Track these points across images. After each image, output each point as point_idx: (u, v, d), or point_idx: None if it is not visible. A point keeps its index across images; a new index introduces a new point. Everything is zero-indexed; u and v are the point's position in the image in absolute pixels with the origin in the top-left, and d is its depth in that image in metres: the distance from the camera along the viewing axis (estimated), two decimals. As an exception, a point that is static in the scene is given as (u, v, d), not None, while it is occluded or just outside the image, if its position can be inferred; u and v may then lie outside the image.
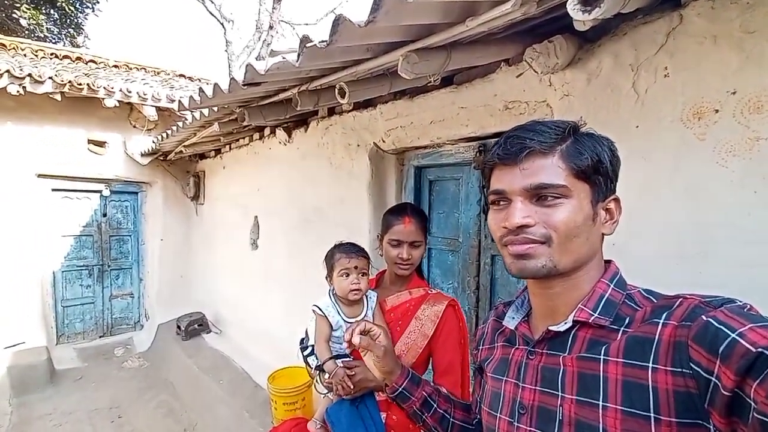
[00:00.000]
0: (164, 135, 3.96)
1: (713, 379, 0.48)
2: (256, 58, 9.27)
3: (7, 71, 3.88)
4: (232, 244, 4.51)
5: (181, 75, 6.23)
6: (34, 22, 8.83)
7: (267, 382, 2.82)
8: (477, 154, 2.00)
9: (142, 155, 5.05)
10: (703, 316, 0.52)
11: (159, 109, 4.98)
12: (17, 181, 4.44)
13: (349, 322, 1.36)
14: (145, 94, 4.71)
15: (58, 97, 4.25)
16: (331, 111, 2.82)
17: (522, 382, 0.69)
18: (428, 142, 2.22)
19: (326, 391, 1.35)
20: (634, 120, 1.30)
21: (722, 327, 0.49)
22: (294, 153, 3.28)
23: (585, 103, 1.43)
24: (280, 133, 3.22)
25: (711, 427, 0.50)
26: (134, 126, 5.17)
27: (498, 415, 0.73)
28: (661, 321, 0.57)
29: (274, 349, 3.54)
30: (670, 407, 0.52)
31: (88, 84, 4.31)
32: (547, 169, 0.63)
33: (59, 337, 4.98)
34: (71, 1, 9.59)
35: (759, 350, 0.45)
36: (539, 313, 0.73)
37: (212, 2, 10.36)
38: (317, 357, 1.35)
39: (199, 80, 6.28)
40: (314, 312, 1.40)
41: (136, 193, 5.56)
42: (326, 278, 1.46)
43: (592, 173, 0.64)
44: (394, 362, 0.96)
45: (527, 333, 0.72)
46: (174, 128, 3.57)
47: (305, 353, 1.41)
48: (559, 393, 0.63)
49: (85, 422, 3.56)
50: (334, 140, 2.80)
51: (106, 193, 5.22)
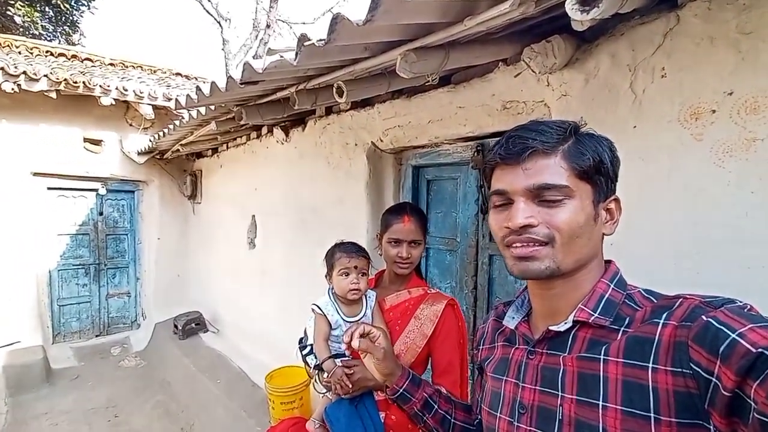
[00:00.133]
0: (161, 134, 3.94)
1: (713, 380, 0.48)
2: (253, 57, 9.24)
3: (2, 68, 3.84)
4: (230, 244, 4.49)
5: (178, 73, 6.21)
6: (29, 20, 8.76)
7: (264, 382, 2.82)
8: (475, 154, 2.00)
9: (139, 154, 5.03)
10: (704, 317, 0.52)
11: (155, 108, 4.95)
12: (12, 180, 4.41)
13: (348, 322, 1.36)
14: (142, 93, 4.68)
15: (54, 95, 4.23)
16: (329, 110, 2.82)
17: (522, 382, 0.69)
18: (426, 142, 2.22)
19: (325, 391, 1.35)
20: (632, 120, 1.30)
21: (722, 327, 0.49)
22: (292, 152, 3.27)
23: (583, 103, 1.43)
24: (278, 132, 3.21)
25: (711, 428, 0.50)
26: (131, 124, 5.14)
27: (498, 415, 0.73)
28: (662, 321, 0.57)
29: (272, 349, 3.53)
30: (670, 407, 0.52)
31: (84, 82, 4.28)
32: (550, 169, 0.63)
33: (55, 337, 4.96)
34: (66, -1, 9.52)
35: (759, 350, 0.45)
36: (539, 313, 0.73)
37: (209, 1, 10.33)
38: (316, 356, 1.35)
39: (196, 79, 6.26)
40: (313, 311, 1.40)
41: (133, 192, 5.53)
42: (326, 277, 1.46)
43: (594, 173, 0.64)
44: (395, 364, 0.96)
45: (527, 333, 0.72)
46: (171, 127, 3.55)
47: (304, 352, 1.41)
48: (559, 393, 0.63)
49: (82, 422, 3.55)
50: (332, 139, 2.79)
51: (103, 192, 5.20)
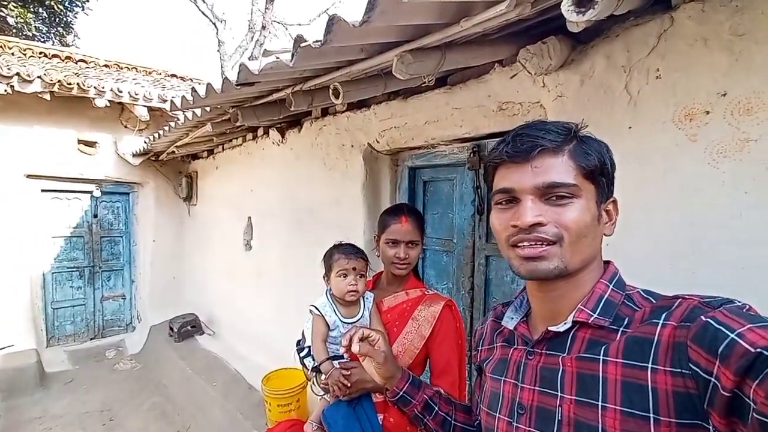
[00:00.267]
0: (156, 135, 3.92)
1: (712, 380, 0.48)
2: (249, 59, 9.23)
3: (-6, 70, 3.81)
4: (226, 245, 4.47)
5: (173, 75, 6.19)
6: (22, 21, 8.70)
7: (261, 384, 2.81)
8: (471, 155, 2.01)
9: (134, 156, 5.00)
10: (702, 317, 0.52)
11: (150, 109, 4.93)
12: (5, 182, 4.37)
13: (346, 323, 1.35)
14: (137, 94, 4.66)
15: (48, 97, 4.19)
16: (325, 111, 2.81)
17: (521, 382, 0.69)
18: (422, 143, 2.22)
19: (322, 393, 1.34)
20: (627, 121, 1.31)
21: (721, 327, 0.49)
22: (288, 153, 3.26)
23: (578, 104, 1.44)
24: (274, 134, 3.20)
25: (710, 428, 0.50)
26: (125, 126, 5.11)
27: (497, 415, 0.73)
28: (661, 321, 0.57)
29: (268, 351, 3.52)
30: (670, 408, 0.52)
31: (78, 83, 4.26)
32: (558, 168, 0.63)
33: (49, 340, 4.91)
34: (60, 0, 9.46)
35: (758, 350, 0.45)
36: (539, 314, 0.73)
37: (204, 2, 10.30)
38: (314, 358, 1.34)
39: (192, 80, 6.24)
40: (311, 312, 1.39)
41: (128, 194, 5.50)
42: (324, 278, 1.45)
43: (598, 174, 0.65)
44: (395, 367, 0.95)
45: (526, 333, 0.72)
46: (166, 128, 3.53)
47: (302, 354, 1.40)
48: (559, 393, 0.63)
49: (76, 426, 3.52)
50: (328, 141, 2.79)
51: (97, 194, 5.15)
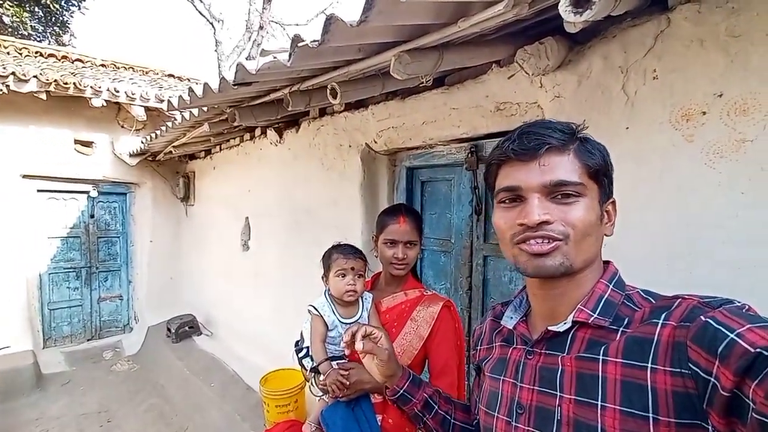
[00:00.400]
0: (153, 135, 3.91)
1: (712, 380, 0.48)
2: (247, 58, 9.20)
3: (-10, 69, 3.79)
4: (223, 246, 4.46)
5: (170, 75, 6.17)
6: (18, 20, 8.66)
7: (259, 385, 2.80)
8: (469, 155, 2.01)
9: (131, 156, 4.98)
10: (702, 317, 0.52)
11: (148, 109, 4.91)
12: (1, 183, 4.34)
13: (345, 323, 1.35)
14: (134, 94, 4.64)
15: (44, 97, 4.17)
16: (323, 111, 2.81)
17: (520, 382, 0.69)
18: (420, 143, 2.22)
19: (321, 394, 1.34)
20: (624, 122, 1.31)
21: (721, 327, 0.49)
22: (285, 154, 3.26)
23: (576, 105, 1.44)
24: (271, 134, 3.20)
25: (710, 428, 0.50)
26: (122, 126, 5.09)
27: (496, 415, 0.72)
28: (660, 321, 0.57)
29: (266, 351, 3.51)
30: (669, 407, 0.52)
31: (75, 83, 4.23)
32: (565, 167, 0.63)
33: (46, 341, 4.88)
34: (56, -1, 9.42)
35: (758, 350, 0.45)
36: (538, 313, 0.73)
37: (201, 2, 10.27)
38: (312, 358, 1.34)
39: (189, 80, 6.23)
40: (310, 312, 1.39)
41: (125, 194, 5.47)
42: (322, 278, 1.46)
43: (601, 174, 0.66)
44: (397, 365, 0.95)
45: (525, 333, 0.72)
46: (163, 128, 3.52)
47: (300, 355, 1.40)
48: (558, 393, 0.63)
49: (73, 427, 3.50)
50: (326, 141, 2.78)
51: (94, 194, 5.13)
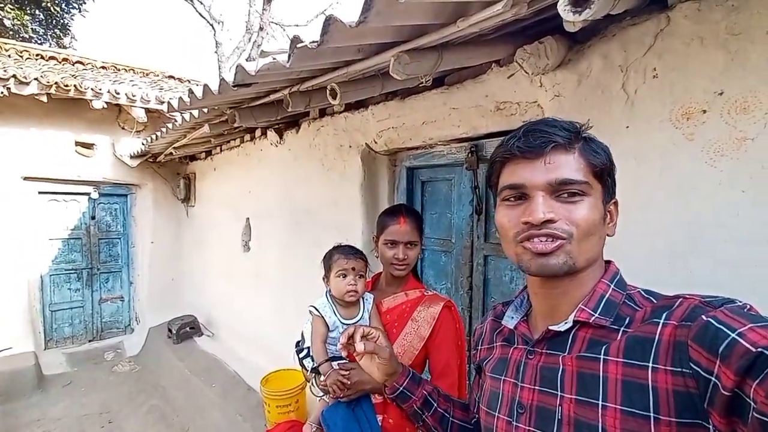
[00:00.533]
0: (154, 137, 3.91)
1: (713, 379, 0.48)
2: (246, 60, 9.23)
3: (-9, 72, 3.79)
4: (224, 247, 4.47)
5: (171, 76, 6.18)
6: (19, 23, 8.68)
7: (260, 385, 2.80)
8: (469, 155, 2.01)
9: (131, 157, 4.99)
10: (703, 316, 0.52)
11: (148, 111, 4.92)
12: (2, 184, 4.36)
13: (346, 324, 1.35)
14: (134, 96, 4.65)
15: (45, 99, 4.18)
16: (323, 112, 2.81)
17: (521, 382, 0.69)
18: (420, 143, 2.22)
19: (321, 394, 1.34)
20: (625, 120, 1.31)
21: (722, 327, 0.49)
22: (285, 154, 3.26)
23: (576, 104, 1.44)
24: (272, 135, 3.20)
25: (711, 427, 0.50)
26: (123, 128, 5.10)
27: (496, 415, 0.72)
28: (661, 321, 0.57)
29: (267, 352, 3.51)
30: (670, 407, 0.52)
31: (75, 85, 4.24)
32: (571, 165, 0.63)
33: (47, 342, 4.89)
34: (57, 2, 9.44)
35: (759, 350, 0.45)
36: (539, 313, 0.73)
37: (201, 3, 10.29)
38: (313, 359, 1.34)
39: (189, 81, 6.24)
40: (310, 312, 1.39)
41: (126, 196, 5.48)
42: (323, 279, 1.46)
43: (605, 174, 0.66)
44: (397, 363, 0.96)
45: (526, 332, 0.72)
46: (163, 130, 3.52)
47: (301, 355, 1.39)
48: (559, 392, 0.63)
49: (75, 428, 3.50)
50: (326, 141, 2.78)
51: (95, 196, 5.14)
